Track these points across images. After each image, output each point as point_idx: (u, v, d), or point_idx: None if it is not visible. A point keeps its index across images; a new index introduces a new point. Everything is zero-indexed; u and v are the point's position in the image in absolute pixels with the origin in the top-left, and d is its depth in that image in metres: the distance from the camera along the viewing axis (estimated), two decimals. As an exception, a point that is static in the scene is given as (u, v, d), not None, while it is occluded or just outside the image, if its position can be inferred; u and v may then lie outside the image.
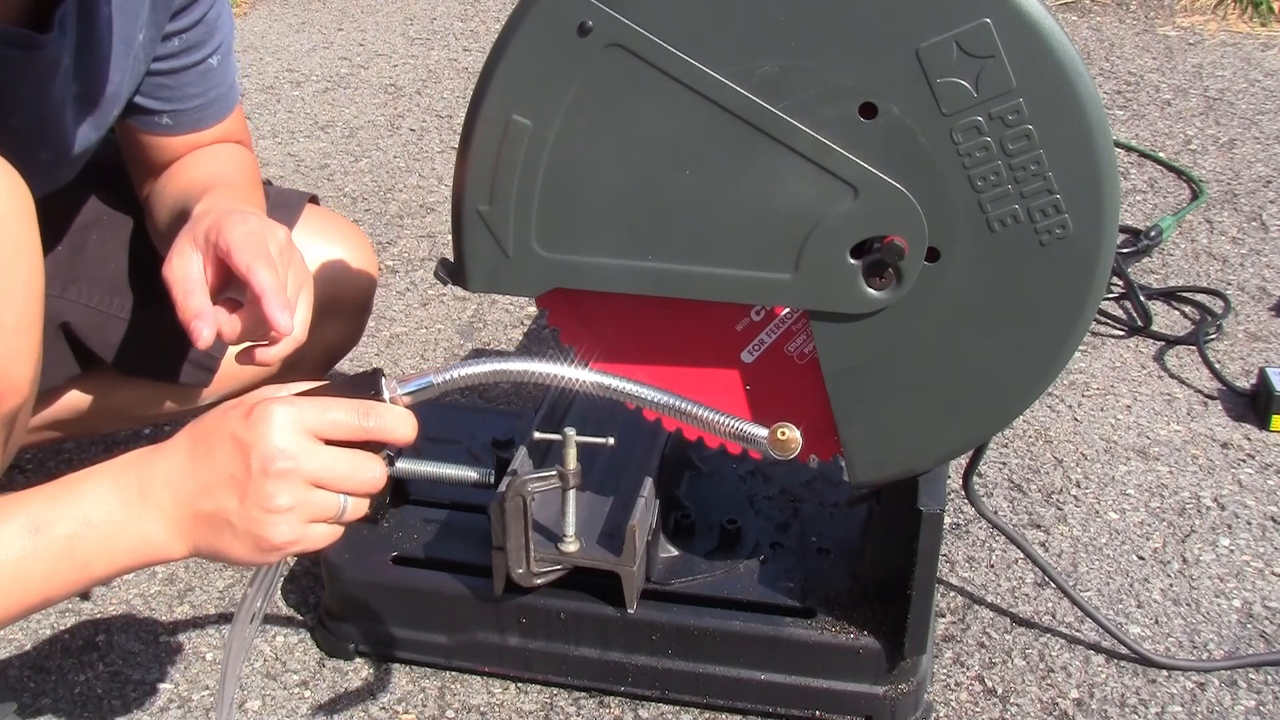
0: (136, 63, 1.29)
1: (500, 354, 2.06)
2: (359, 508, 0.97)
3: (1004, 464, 1.76)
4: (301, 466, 0.92)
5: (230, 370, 1.52)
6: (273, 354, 1.18)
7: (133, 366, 1.48)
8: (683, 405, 1.11)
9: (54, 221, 1.42)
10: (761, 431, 1.12)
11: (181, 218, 1.27)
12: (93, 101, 1.26)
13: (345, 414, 0.95)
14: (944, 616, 1.49)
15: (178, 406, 1.58)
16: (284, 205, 1.54)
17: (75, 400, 1.51)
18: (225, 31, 1.38)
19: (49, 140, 1.23)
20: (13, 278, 1.00)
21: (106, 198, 1.47)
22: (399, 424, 0.98)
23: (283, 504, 0.92)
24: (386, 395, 1.01)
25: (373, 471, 0.96)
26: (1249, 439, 1.80)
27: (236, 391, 1.56)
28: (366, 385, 1.00)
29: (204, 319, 1.11)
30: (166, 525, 0.93)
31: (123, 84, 1.28)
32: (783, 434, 1.11)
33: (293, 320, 1.11)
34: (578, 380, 1.06)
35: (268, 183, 1.60)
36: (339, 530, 0.97)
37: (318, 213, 1.58)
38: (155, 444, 0.96)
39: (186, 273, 1.13)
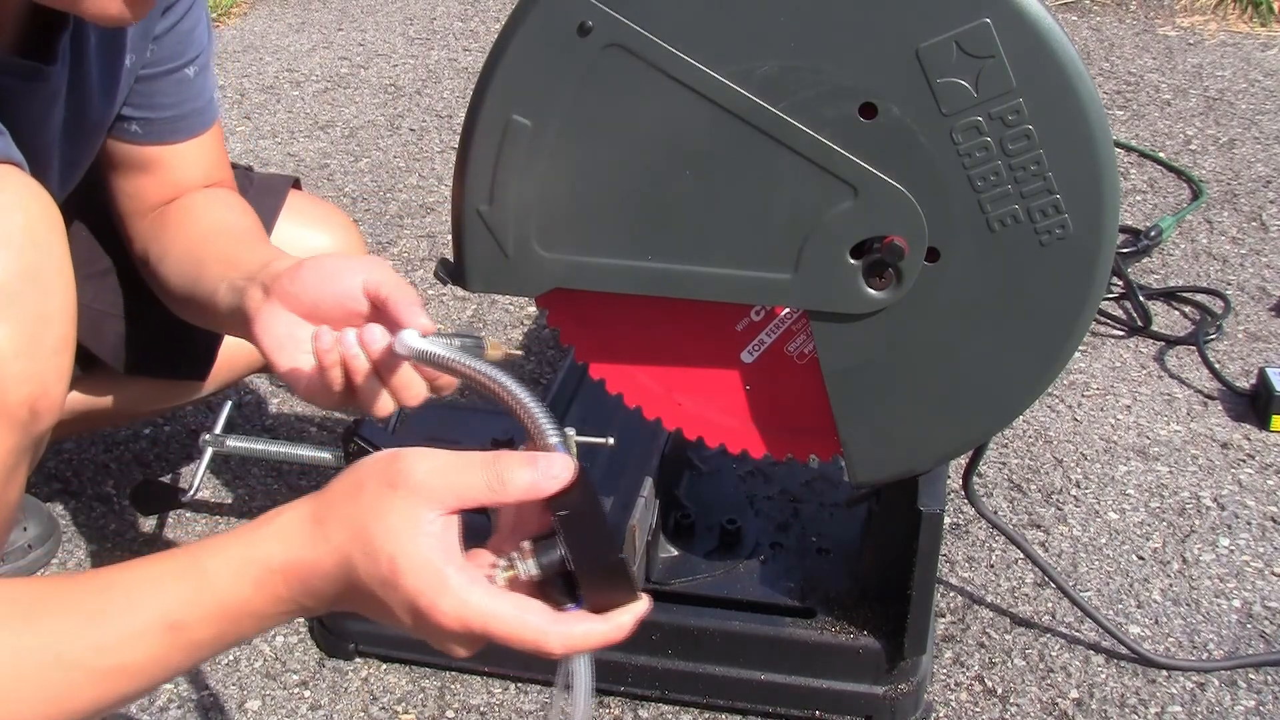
0: (123, 91, 1.27)
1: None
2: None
3: (1004, 464, 1.76)
4: (475, 644, 0.83)
5: (225, 362, 1.51)
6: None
7: (131, 365, 1.47)
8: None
9: None
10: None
11: (218, 261, 1.21)
12: (81, 130, 1.25)
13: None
14: (944, 616, 1.49)
15: (180, 400, 1.58)
16: (268, 190, 1.50)
17: (75, 402, 1.50)
18: (202, 44, 1.33)
19: (42, 169, 1.21)
20: (53, 300, 1.01)
21: (90, 191, 1.44)
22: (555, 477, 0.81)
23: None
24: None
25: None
26: (1249, 439, 1.80)
27: (230, 379, 1.56)
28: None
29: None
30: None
31: (108, 111, 1.27)
32: None
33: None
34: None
35: (249, 168, 1.56)
36: None
37: (302, 198, 1.54)
38: (295, 560, 0.82)
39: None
